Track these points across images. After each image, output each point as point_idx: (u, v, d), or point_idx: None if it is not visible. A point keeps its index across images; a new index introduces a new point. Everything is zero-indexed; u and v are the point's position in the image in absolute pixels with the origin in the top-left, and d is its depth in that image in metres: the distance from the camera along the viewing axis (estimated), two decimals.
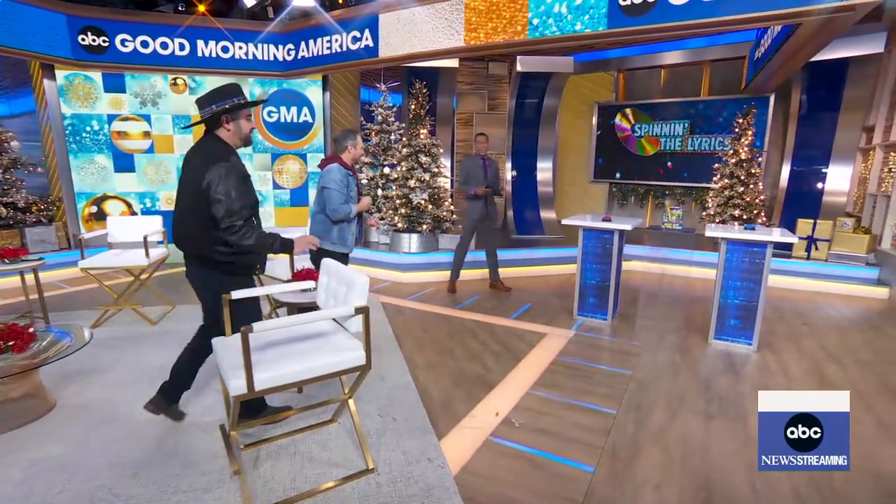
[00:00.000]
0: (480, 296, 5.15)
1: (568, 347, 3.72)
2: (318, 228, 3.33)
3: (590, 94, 8.93)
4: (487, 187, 4.91)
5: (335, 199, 3.17)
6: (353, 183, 3.30)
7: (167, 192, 6.81)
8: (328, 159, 3.34)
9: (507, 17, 4.96)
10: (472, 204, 4.99)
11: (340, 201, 3.18)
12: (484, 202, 4.94)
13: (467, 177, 4.99)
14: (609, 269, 4.13)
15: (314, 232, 3.32)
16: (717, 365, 3.45)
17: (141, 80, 6.44)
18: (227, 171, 2.13)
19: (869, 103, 6.42)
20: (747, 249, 3.60)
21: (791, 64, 5.70)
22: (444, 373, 3.28)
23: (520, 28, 4.89)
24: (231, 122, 2.24)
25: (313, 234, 3.29)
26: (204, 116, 2.23)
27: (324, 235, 3.28)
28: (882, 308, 4.99)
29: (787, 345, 3.86)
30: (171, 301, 4.71)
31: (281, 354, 2.04)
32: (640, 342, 3.84)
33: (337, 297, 2.23)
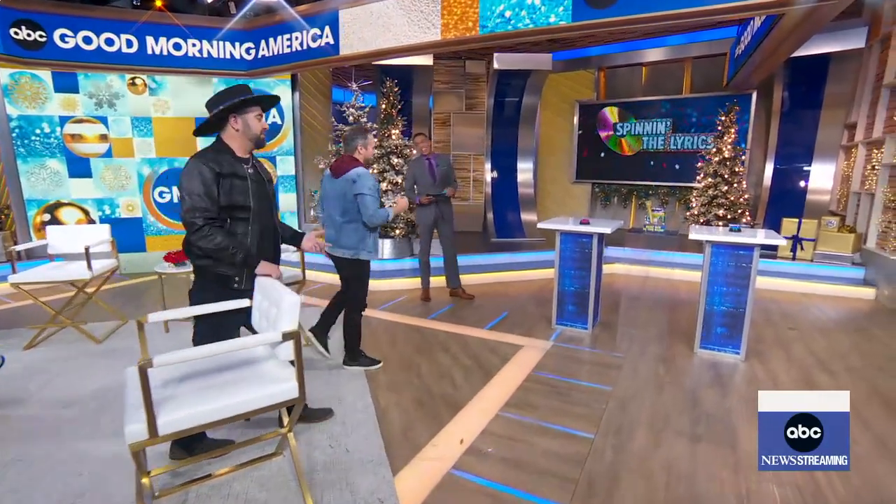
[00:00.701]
0: (455, 304, 4.88)
1: (544, 361, 3.46)
2: (352, 239, 3.06)
3: (571, 93, 8.74)
4: (429, 195, 4.61)
5: (371, 205, 2.96)
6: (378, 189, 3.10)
7: (128, 199, 6.43)
8: (346, 162, 3.05)
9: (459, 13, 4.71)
10: (421, 210, 4.74)
11: (377, 206, 2.98)
12: (436, 204, 4.68)
13: (413, 182, 4.72)
14: (588, 276, 3.89)
15: (347, 243, 3.07)
16: (704, 377, 3.22)
17: (96, 80, 6.05)
18: (194, 167, 2.04)
19: (851, 100, 6.31)
20: (733, 253, 3.38)
21: (772, 60, 5.55)
22: (407, 393, 3.00)
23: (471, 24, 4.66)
24: (239, 121, 2.16)
25: (344, 245, 3.07)
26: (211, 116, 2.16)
27: (359, 245, 3.07)
28: (868, 309, 4.84)
29: (776, 352, 3.65)
30: (123, 315, 4.37)
31: (198, 388, 1.75)
32: (621, 353, 3.60)
33: (269, 318, 1.94)
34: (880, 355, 3.61)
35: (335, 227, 3.09)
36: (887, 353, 3.64)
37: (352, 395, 2.94)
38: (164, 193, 6.57)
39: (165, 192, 6.56)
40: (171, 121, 6.41)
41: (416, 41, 4.99)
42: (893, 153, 5.18)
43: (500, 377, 3.20)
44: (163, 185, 6.53)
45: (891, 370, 3.34)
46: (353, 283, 3.17)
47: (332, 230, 3.11)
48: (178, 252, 4.03)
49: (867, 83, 5.94)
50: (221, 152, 2.16)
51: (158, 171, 6.48)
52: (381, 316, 4.50)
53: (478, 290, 5.29)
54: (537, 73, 7.00)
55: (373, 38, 5.28)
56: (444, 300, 4.97)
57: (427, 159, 4.66)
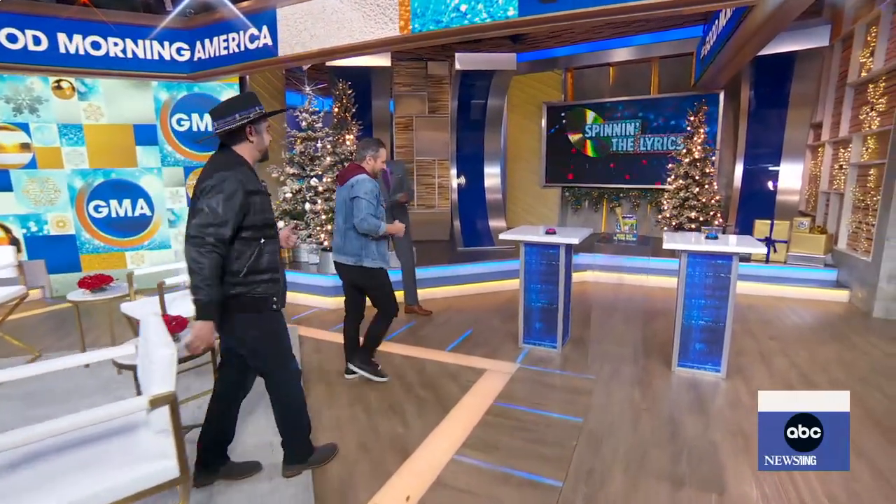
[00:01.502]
0: (415, 322, 4.50)
1: (509, 388, 3.11)
2: (354, 245, 3.01)
3: (538, 95, 8.50)
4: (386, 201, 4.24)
5: (363, 209, 2.91)
6: (381, 198, 3.06)
7: (58, 215, 5.82)
8: (350, 170, 3.07)
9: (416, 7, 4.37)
10: None
11: (369, 212, 2.93)
12: (389, 213, 4.31)
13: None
14: (556, 290, 3.57)
15: (350, 250, 3.02)
16: (683, 401, 2.93)
17: (13, 83, 5.46)
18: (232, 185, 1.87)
19: (816, 99, 6.24)
20: (710, 262, 3.11)
21: (739, 58, 5.40)
22: (351, 434, 2.60)
23: (403, 24, 4.34)
24: (255, 134, 2.05)
25: (348, 252, 3.03)
26: (227, 126, 1.97)
27: (361, 252, 3.01)
28: (843, 312, 4.68)
29: (758, 366, 3.40)
30: (34, 348, 3.83)
31: (42, 473, 1.32)
32: (593, 375, 3.28)
33: (146, 370, 1.52)
34: (862, 366, 3.41)
35: (340, 233, 3.08)
36: (869, 364, 3.44)
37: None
38: (101, 208, 5.98)
39: (102, 206, 5.98)
40: (106, 128, 5.84)
41: (372, 38, 4.61)
42: (860, 152, 5.08)
43: (459, 410, 2.84)
44: (98, 198, 5.95)
45: (874, 382, 3.13)
46: (373, 293, 3.14)
47: (338, 237, 3.10)
48: (96, 277, 3.54)
49: (831, 82, 5.87)
50: (243, 166, 1.99)
51: (93, 184, 5.90)
52: (333, 338, 4.08)
53: (442, 305, 4.93)
54: (501, 74, 6.71)
55: (326, 35, 4.87)
56: (402, 319, 4.58)
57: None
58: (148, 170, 6.07)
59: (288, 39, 5.11)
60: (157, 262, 6.06)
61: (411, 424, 2.69)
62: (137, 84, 5.88)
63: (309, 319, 4.67)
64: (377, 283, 3.08)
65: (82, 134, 5.78)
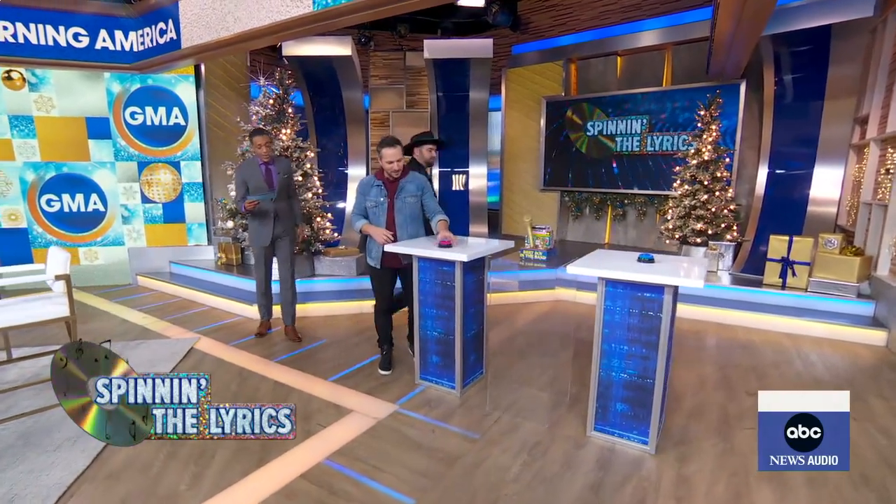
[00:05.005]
0: (326, 340, 3.87)
1: (358, 441, 2.41)
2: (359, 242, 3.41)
3: (540, 89, 7.65)
4: (255, 200, 3.57)
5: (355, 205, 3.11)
6: (376, 194, 2.99)
7: (9, 208, 5.70)
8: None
9: None
10: (255, 224, 3.75)
11: (356, 211, 3.08)
12: (275, 219, 3.69)
13: (245, 189, 3.66)
14: (452, 317, 2.82)
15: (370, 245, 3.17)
16: (576, 486, 2.10)
17: None
18: None
19: (862, 87, 5.03)
20: (636, 295, 2.27)
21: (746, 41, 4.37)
22: (125, 488, 2.01)
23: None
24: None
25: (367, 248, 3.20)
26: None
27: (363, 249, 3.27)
28: (875, 360, 3.56)
29: (710, 442, 2.45)
30: None
31: None
32: (479, 433, 2.51)
33: None
34: (893, 456, 2.37)
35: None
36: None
37: (34, 499, 1.98)
38: (53, 202, 5.82)
39: (54, 199, 5.82)
40: (59, 121, 5.67)
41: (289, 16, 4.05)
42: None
43: (273, 466, 2.19)
44: (51, 192, 5.79)
45: None
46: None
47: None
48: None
49: (881, 65, 4.67)
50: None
51: (45, 177, 5.74)
52: (228, 356, 3.52)
53: (366, 323, 4.28)
54: (478, 63, 5.97)
55: (247, 17, 4.37)
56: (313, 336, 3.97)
57: (264, 165, 3.69)
58: (101, 164, 5.85)
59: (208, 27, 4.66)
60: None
61: (204, 480, 2.07)
62: (89, 76, 5.66)
63: (230, 328, 4.18)
64: (370, 277, 3.20)
65: (33, 126, 5.62)
